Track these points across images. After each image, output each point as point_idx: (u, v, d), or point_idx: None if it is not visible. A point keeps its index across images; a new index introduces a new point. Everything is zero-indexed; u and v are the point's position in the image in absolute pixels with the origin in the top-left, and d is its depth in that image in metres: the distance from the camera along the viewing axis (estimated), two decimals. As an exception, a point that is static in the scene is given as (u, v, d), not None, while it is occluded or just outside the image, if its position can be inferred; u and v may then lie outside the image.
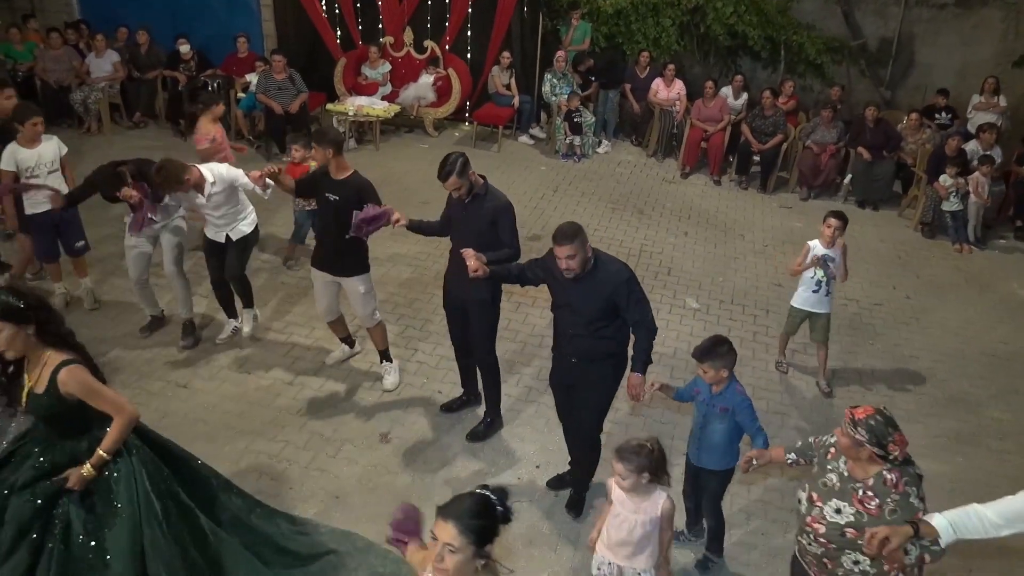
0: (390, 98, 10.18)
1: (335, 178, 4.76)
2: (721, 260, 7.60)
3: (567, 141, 9.91)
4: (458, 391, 5.25)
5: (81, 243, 6.00)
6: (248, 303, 5.75)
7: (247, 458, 4.58)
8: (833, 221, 5.40)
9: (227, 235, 5.39)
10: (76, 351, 3.13)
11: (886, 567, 2.82)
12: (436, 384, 5.43)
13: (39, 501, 3.08)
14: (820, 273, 5.45)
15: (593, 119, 10.10)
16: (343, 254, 4.91)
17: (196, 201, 5.22)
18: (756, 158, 9.57)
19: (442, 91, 10.40)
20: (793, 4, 10.73)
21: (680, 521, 4.28)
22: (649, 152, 10.44)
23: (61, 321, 3.15)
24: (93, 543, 3.08)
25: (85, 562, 3.06)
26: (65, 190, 5.61)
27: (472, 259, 4.11)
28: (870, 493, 2.81)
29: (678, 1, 10.76)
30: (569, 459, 4.52)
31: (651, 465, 3.23)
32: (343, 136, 4.81)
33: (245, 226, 5.45)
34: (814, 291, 5.53)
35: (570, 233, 3.74)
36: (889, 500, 2.78)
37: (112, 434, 3.10)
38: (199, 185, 5.08)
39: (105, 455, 3.10)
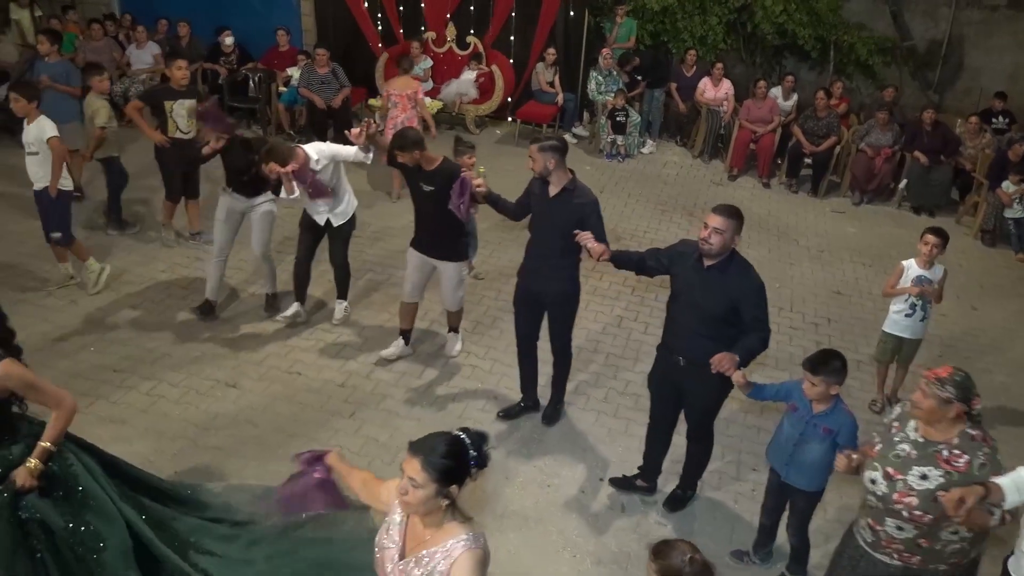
0: (431, 94, 10.00)
1: (427, 169, 4.82)
2: (776, 266, 7.34)
3: (610, 140, 9.68)
4: (512, 396, 5.11)
5: (57, 235, 5.78)
6: (343, 294, 5.81)
7: (301, 463, 4.41)
8: (931, 238, 4.95)
9: (328, 219, 5.44)
10: (10, 352, 2.93)
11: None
12: (490, 390, 5.24)
13: (2, 512, 2.84)
14: (915, 296, 5.05)
15: (639, 118, 9.86)
16: (444, 240, 5.02)
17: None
18: (807, 161, 9.30)
19: (484, 88, 10.21)
20: (841, 4, 10.45)
21: (745, 539, 4.08)
22: (695, 153, 10.19)
23: (4, 319, 3.00)
24: (82, 529, 2.93)
25: (80, 553, 2.92)
26: (42, 177, 5.63)
27: (592, 240, 4.04)
28: (956, 451, 2.81)
29: (725, -1, 10.53)
30: (640, 465, 4.42)
31: None
32: (421, 134, 4.82)
33: (345, 212, 5.51)
34: (908, 315, 5.12)
35: (730, 211, 3.71)
36: (980, 454, 2.79)
37: (55, 424, 2.92)
38: (304, 166, 5.13)
39: (50, 446, 2.90)
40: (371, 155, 5.18)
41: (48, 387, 2.97)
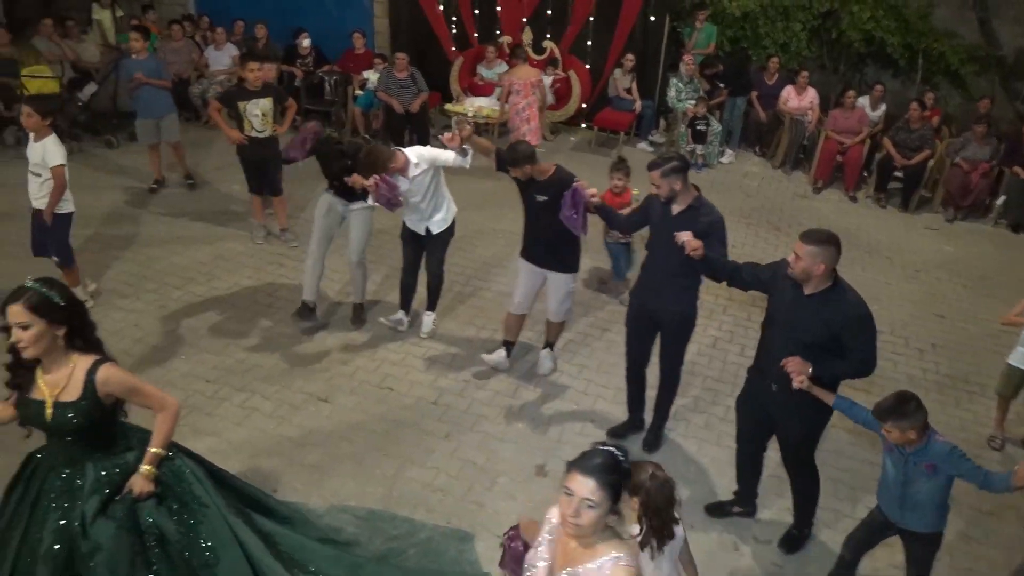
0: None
1: (540, 180, 4.74)
2: (872, 285, 7.01)
3: (689, 149, 9.42)
4: (608, 417, 4.95)
5: (56, 258, 5.47)
6: (432, 305, 5.70)
7: (399, 485, 4.28)
8: None
9: (427, 228, 5.34)
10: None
11: None
12: (586, 411, 5.06)
13: (122, 523, 2.78)
14: None
15: (720, 128, 9.58)
16: (557, 250, 4.90)
17: (400, 187, 5.08)
18: (897, 174, 8.93)
19: (560, 94, 10.04)
20: (929, 11, 10.03)
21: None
22: (776, 164, 9.87)
23: (94, 327, 2.86)
24: (195, 539, 2.90)
25: (194, 564, 2.88)
26: (41, 198, 5.32)
27: (688, 235, 3.89)
28: None
29: (810, 4, 10.18)
30: (735, 489, 4.27)
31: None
32: (532, 148, 4.74)
33: (444, 219, 5.39)
34: None
35: (819, 237, 3.45)
36: None
37: (162, 428, 2.88)
38: (404, 170, 5.04)
39: (161, 451, 2.87)
40: (469, 159, 5.07)
41: (151, 389, 2.91)
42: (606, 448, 2.31)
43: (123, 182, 8.06)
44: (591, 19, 10.03)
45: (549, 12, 10.11)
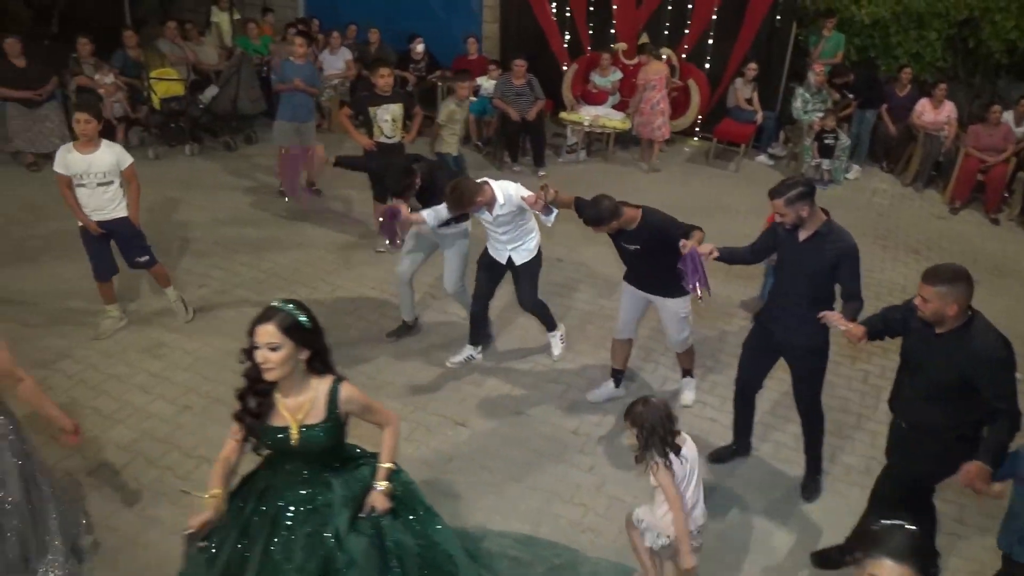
0: (619, 108, 9.58)
1: (628, 229, 4.40)
2: (1017, 318, 6.46)
3: (814, 164, 8.95)
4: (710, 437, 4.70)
5: (144, 258, 5.35)
6: (550, 326, 5.43)
7: (546, 522, 4.05)
8: None
9: (510, 257, 5.06)
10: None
11: None
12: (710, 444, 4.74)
13: (372, 540, 2.78)
14: None
15: (848, 142, 9.08)
16: (661, 277, 4.51)
17: (483, 219, 4.91)
18: (1046, 197, 8.29)
19: (676, 103, 9.69)
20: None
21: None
22: (906, 181, 9.30)
23: (330, 351, 2.81)
24: (436, 549, 2.94)
25: (434, 568, 2.93)
26: (118, 208, 5.13)
27: (842, 321, 3.63)
28: None
29: (947, 12, 9.56)
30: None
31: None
32: (615, 203, 4.34)
33: (529, 249, 5.09)
34: None
35: (945, 276, 3.17)
36: None
37: (390, 442, 2.91)
38: (489, 205, 4.81)
39: (392, 466, 2.89)
40: (553, 217, 4.81)
41: (379, 405, 2.94)
42: (905, 527, 2.06)
43: (244, 184, 8.12)
44: (711, 25, 9.66)
45: (667, 19, 9.78)
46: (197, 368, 5.12)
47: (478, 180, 4.80)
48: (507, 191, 4.82)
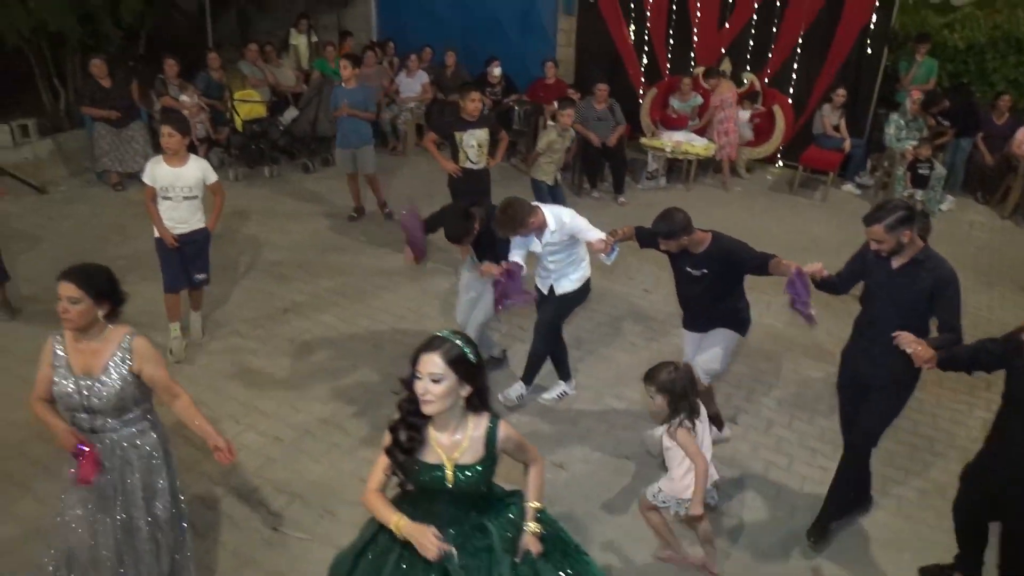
0: (698, 132, 9.34)
1: (695, 252, 4.18)
2: None
3: (907, 194, 8.56)
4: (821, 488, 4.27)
5: (203, 275, 5.43)
6: (563, 374, 5.14)
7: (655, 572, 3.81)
8: None
9: (551, 286, 4.86)
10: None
11: None
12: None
13: None
14: None
15: (943, 172, 8.67)
16: (722, 312, 4.36)
17: (531, 246, 4.71)
18: None
19: (760, 129, 9.41)
20: None
21: None
22: (1004, 213, 8.85)
23: (490, 389, 2.64)
24: None
25: None
26: (198, 220, 5.21)
27: (912, 342, 3.33)
28: None
29: (1049, 36, 9.12)
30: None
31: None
32: (688, 217, 4.13)
33: (572, 279, 4.86)
34: None
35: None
36: None
37: (537, 482, 2.78)
38: (540, 229, 4.60)
39: (540, 505, 2.76)
40: (613, 257, 4.62)
41: (527, 442, 2.77)
42: None
43: (323, 207, 8.09)
44: (798, 50, 9.38)
45: (750, 42, 9.53)
46: (286, 397, 5.01)
47: (532, 203, 4.63)
48: (560, 217, 4.64)
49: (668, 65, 10.06)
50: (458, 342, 2.46)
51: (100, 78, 7.93)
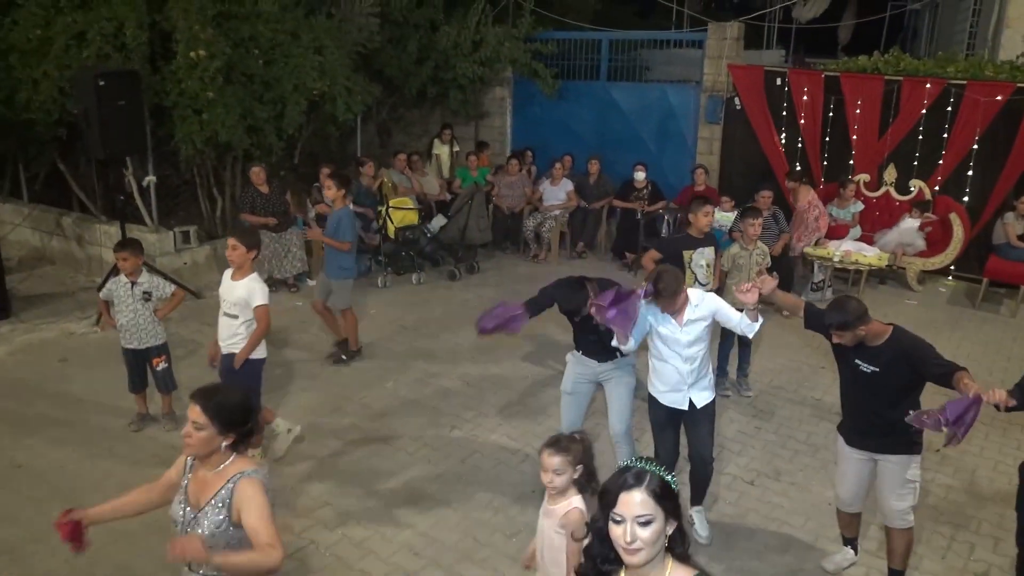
0: (864, 240, 8.76)
1: (870, 345, 3.69)
2: None
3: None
4: None
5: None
6: (699, 498, 4.51)
7: None
8: None
9: (691, 399, 4.21)
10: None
11: None
12: None
13: None
14: None
15: None
16: (891, 420, 3.68)
17: (669, 324, 4.14)
18: None
19: (933, 239, 8.75)
20: None
21: None
22: None
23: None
24: None
25: None
26: (234, 345, 4.90)
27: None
28: None
29: None
30: None
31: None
32: (864, 305, 3.70)
33: (710, 387, 4.28)
34: None
35: None
36: None
37: None
38: (681, 309, 4.09)
39: None
40: (759, 326, 4.06)
41: None
42: None
43: (472, 315, 7.80)
44: (972, 157, 8.78)
45: (918, 149, 8.99)
46: (468, 528, 4.55)
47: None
48: (699, 292, 4.18)
49: (823, 174, 9.60)
50: (656, 470, 2.02)
51: (259, 185, 8.11)
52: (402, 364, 6.67)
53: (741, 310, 4.15)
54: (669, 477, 2.02)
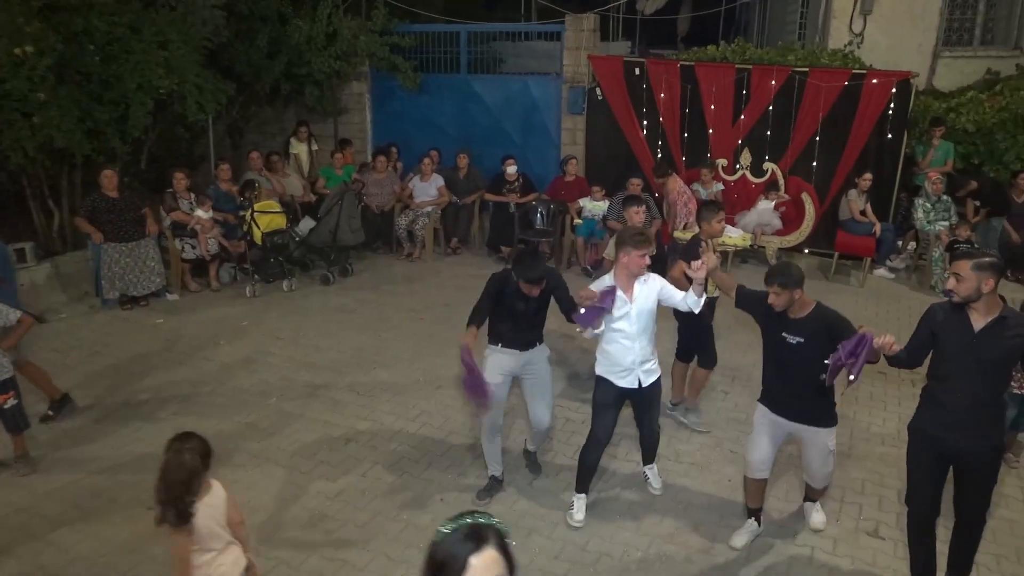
0: (726, 223, 9.13)
1: (794, 317, 3.95)
2: None
3: (946, 275, 8.39)
4: None
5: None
6: (652, 457, 4.87)
7: None
8: None
9: (639, 379, 4.36)
10: None
11: None
12: None
13: None
14: None
15: (980, 251, 8.58)
16: (810, 399, 4.03)
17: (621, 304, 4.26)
18: None
19: (787, 217, 9.27)
20: None
21: None
22: (1038, 290, 8.76)
23: None
24: None
25: None
26: None
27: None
28: None
29: (1059, 114, 9.30)
30: None
31: None
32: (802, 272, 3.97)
33: (656, 365, 4.47)
34: None
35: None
36: None
37: None
38: (642, 267, 4.28)
39: None
40: (703, 300, 4.23)
41: None
42: None
43: (354, 319, 7.55)
44: (817, 139, 9.37)
45: (769, 132, 9.50)
46: (379, 548, 4.32)
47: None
48: (647, 274, 4.34)
49: (684, 158, 9.95)
50: (496, 524, 1.85)
51: (109, 190, 7.38)
52: (283, 378, 6.28)
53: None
54: (505, 529, 1.84)
